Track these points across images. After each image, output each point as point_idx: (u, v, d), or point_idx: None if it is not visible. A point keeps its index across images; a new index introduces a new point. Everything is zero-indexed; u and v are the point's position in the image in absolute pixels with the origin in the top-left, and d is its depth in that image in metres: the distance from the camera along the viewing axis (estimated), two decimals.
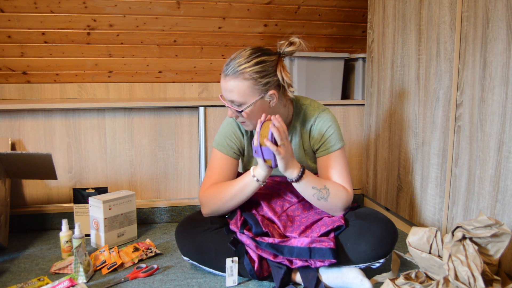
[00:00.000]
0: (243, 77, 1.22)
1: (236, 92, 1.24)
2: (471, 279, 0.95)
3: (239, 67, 1.23)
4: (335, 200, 1.28)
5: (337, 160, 1.35)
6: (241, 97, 1.24)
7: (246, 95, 1.24)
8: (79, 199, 1.67)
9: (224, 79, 1.25)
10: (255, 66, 1.23)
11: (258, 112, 1.28)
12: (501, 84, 1.20)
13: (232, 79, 1.23)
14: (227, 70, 1.24)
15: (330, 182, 1.30)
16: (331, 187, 1.28)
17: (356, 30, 2.39)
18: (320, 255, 1.19)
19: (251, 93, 1.24)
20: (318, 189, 1.26)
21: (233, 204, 1.34)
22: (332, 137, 1.35)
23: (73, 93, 2.17)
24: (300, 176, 1.23)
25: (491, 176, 1.25)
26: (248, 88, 1.23)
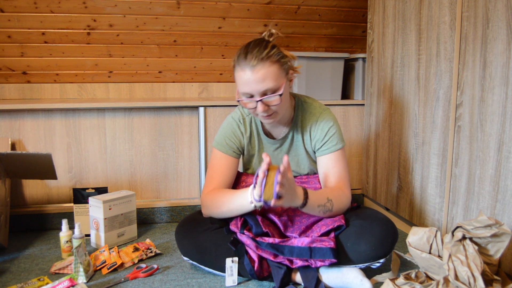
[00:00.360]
0: (270, 61, 1.21)
1: (270, 77, 1.21)
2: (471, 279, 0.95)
3: (262, 54, 1.21)
4: (339, 208, 1.29)
5: (338, 160, 1.35)
6: (276, 81, 1.22)
7: (279, 78, 1.23)
8: (79, 199, 1.67)
9: (252, 71, 1.20)
10: (273, 49, 1.23)
11: (286, 97, 1.27)
12: (501, 84, 1.20)
13: (262, 67, 1.20)
14: (251, 61, 1.20)
15: (330, 191, 1.29)
16: (333, 197, 1.27)
17: (356, 30, 2.39)
18: (321, 254, 1.19)
19: (281, 75, 1.24)
20: (323, 204, 1.25)
21: (229, 216, 1.33)
22: (333, 137, 1.36)
23: (73, 93, 2.17)
24: (304, 204, 1.20)
25: (491, 176, 1.25)
26: (278, 70, 1.23)
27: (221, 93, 2.34)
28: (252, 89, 1.22)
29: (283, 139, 1.41)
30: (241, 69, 1.22)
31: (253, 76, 1.20)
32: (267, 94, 1.23)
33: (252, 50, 1.22)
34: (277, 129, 1.41)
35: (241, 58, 1.23)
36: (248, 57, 1.21)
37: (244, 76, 1.21)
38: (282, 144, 1.42)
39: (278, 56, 1.24)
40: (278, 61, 1.23)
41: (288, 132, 1.40)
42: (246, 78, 1.21)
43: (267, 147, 1.43)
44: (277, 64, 1.23)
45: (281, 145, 1.42)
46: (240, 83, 1.24)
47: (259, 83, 1.20)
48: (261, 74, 1.20)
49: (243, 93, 1.24)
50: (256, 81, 1.20)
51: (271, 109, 1.26)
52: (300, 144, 1.41)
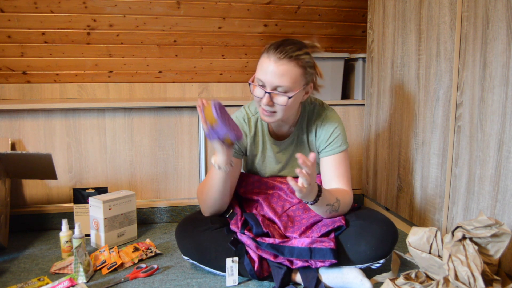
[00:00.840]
0: (297, 63, 1.21)
1: (289, 77, 1.20)
2: (471, 279, 0.95)
3: (294, 53, 1.20)
4: (343, 209, 1.29)
5: (341, 161, 1.35)
6: (292, 83, 1.21)
7: (296, 82, 1.22)
8: (79, 199, 1.67)
9: (277, 63, 1.20)
10: (306, 55, 1.23)
11: (295, 103, 1.26)
12: (501, 84, 1.20)
13: (287, 63, 1.20)
14: (281, 53, 1.20)
15: (338, 191, 1.29)
16: (341, 198, 1.27)
17: (356, 30, 2.39)
18: (321, 255, 1.19)
19: (299, 81, 1.23)
20: (332, 204, 1.24)
21: (215, 197, 1.33)
22: (338, 138, 1.36)
23: (73, 93, 2.17)
24: (316, 201, 1.18)
25: (491, 176, 1.25)
26: (299, 75, 1.22)
27: (221, 93, 2.34)
28: (267, 80, 1.22)
29: (287, 140, 1.41)
30: (267, 56, 1.22)
31: (274, 67, 1.20)
32: (277, 90, 1.23)
33: (286, 45, 1.22)
34: (283, 129, 1.40)
35: (273, 47, 1.22)
36: (279, 49, 1.21)
37: (267, 63, 1.21)
38: (287, 146, 1.41)
39: (306, 63, 1.23)
40: (303, 67, 1.23)
41: (293, 133, 1.40)
42: (267, 66, 1.21)
43: (271, 148, 1.42)
44: (302, 69, 1.23)
45: (286, 146, 1.41)
46: (260, 68, 1.24)
47: (276, 77, 1.20)
48: (282, 69, 1.20)
49: (258, 79, 1.24)
50: (275, 73, 1.20)
51: (274, 107, 1.25)
52: (304, 145, 1.41)
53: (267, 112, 1.27)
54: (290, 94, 1.22)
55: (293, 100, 1.24)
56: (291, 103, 1.24)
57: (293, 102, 1.25)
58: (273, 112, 1.26)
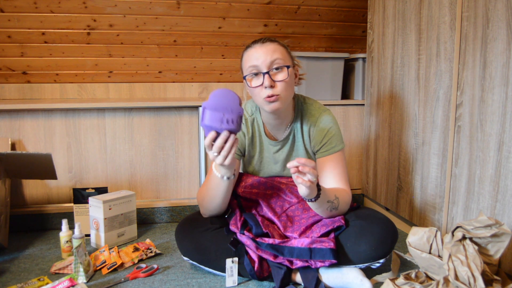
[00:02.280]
0: (278, 43, 1.29)
1: (279, 51, 1.26)
2: (471, 279, 0.95)
3: (272, 38, 1.30)
4: (343, 207, 1.29)
5: (338, 161, 1.35)
6: (283, 56, 1.27)
7: (286, 57, 1.29)
8: (79, 199, 1.67)
9: (262, 45, 1.27)
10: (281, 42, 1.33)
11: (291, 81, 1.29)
12: (501, 84, 1.20)
13: (271, 43, 1.27)
14: (263, 39, 1.29)
15: (336, 190, 1.29)
16: (339, 195, 1.27)
17: (356, 30, 2.39)
18: (321, 255, 1.19)
19: (288, 57, 1.30)
20: (332, 201, 1.24)
21: (218, 203, 1.32)
22: (333, 139, 1.36)
23: (73, 93, 2.17)
24: (318, 196, 1.18)
25: (491, 176, 1.25)
26: (285, 52, 1.30)
27: None
28: (260, 60, 1.25)
29: (284, 140, 1.41)
30: (250, 48, 1.29)
31: (262, 48, 1.26)
32: (273, 68, 1.25)
33: (262, 38, 1.31)
34: (279, 129, 1.40)
35: (251, 43, 1.30)
36: (258, 40, 1.29)
37: (253, 51, 1.27)
38: (283, 146, 1.41)
39: (285, 46, 1.32)
40: (285, 48, 1.31)
41: (289, 133, 1.40)
42: (254, 51, 1.26)
43: (268, 148, 1.42)
44: (285, 48, 1.31)
45: (282, 146, 1.41)
46: (247, 59, 1.28)
47: (268, 54, 1.25)
48: (270, 47, 1.26)
49: (249, 66, 1.26)
50: (265, 52, 1.25)
51: (277, 87, 1.24)
52: (300, 145, 1.41)
53: (271, 98, 1.25)
54: (287, 64, 1.27)
55: (291, 75, 1.28)
56: (290, 78, 1.28)
57: (290, 78, 1.28)
58: (277, 96, 1.25)
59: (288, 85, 1.27)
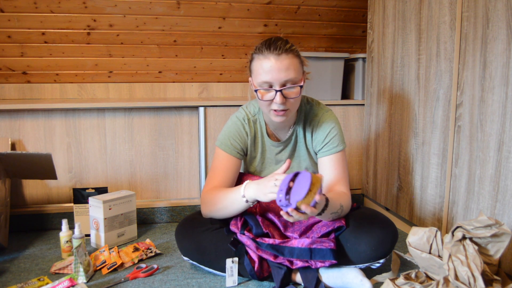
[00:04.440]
0: (293, 54, 1.23)
1: (293, 68, 1.22)
2: (471, 279, 0.95)
3: (287, 45, 1.22)
4: (345, 212, 1.29)
5: (339, 162, 1.35)
6: (297, 73, 1.23)
7: (299, 71, 1.25)
8: (79, 199, 1.67)
9: (277, 59, 1.20)
10: (294, 46, 1.26)
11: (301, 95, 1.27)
12: (501, 84, 1.20)
13: (287, 57, 1.21)
14: (278, 49, 1.20)
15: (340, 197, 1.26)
16: (344, 203, 1.25)
17: (356, 30, 2.39)
18: (321, 255, 1.19)
19: (301, 70, 1.26)
20: (336, 211, 1.23)
21: (226, 214, 1.31)
22: (334, 139, 1.36)
23: (73, 93, 2.17)
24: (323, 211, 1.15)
25: (491, 176, 1.25)
26: (299, 64, 1.25)
27: (221, 93, 2.34)
28: (274, 78, 1.21)
29: (286, 141, 1.41)
30: (264, 57, 1.21)
31: (278, 64, 1.20)
32: (286, 85, 1.22)
33: (275, 42, 1.23)
34: (282, 130, 1.40)
35: (264, 48, 1.22)
36: (272, 47, 1.21)
37: (267, 63, 1.21)
38: (285, 146, 1.41)
39: (298, 53, 1.27)
40: (298, 56, 1.26)
41: (291, 134, 1.40)
42: (269, 65, 1.20)
43: (270, 149, 1.42)
44: (298, 59, 1.26)
45: (284, 147, 1.41)
46: (261, 71, 1.22)
47: (283, 71, 1.20)
48: (286, 63, 1.20)
49: (262, 82, 1.22)
50: (280, 69, 1.20)
51: (288, 103, 1.24)
52: (302, 146, 1.41)
53: (282, 112, 1.25)
54: (300, 83, 1.24)
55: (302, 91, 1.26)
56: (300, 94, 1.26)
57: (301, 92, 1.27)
58: (286, 110, 1.25)
59: (298, 100, 1.27)
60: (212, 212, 1.34)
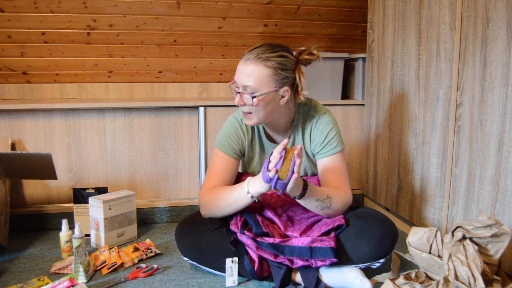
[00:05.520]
0: (265, 64, 1.23)
1: (254, 77, 1.23)
2: (471, 279, 0.95)
3: (263, 54, 1.23)
4: (337, 206, 1.29)
5: (338, 162, 1.35)
6: (258, 83, 1.23)
7: (263, 82, 1.24)
8: (79, 199, 1.67)
9: (244, 63, 1.25)
10: (278, 58, 1.24)
11: (267, 105, 1.27)
12: (501, 84, 1.20)
13: (254, 64, 1.23)
14: (250, 55, 1.24)
15: (330, 189, 1.29)
16: (333, 194, 1.27)
17: (356, 30, 2.39)
18: (321, 254, 1.19)
19: (268, 82, 1.24)
20: (321, 200, 1.24)
21: (228, 212, 1.32)
22: (333, 140, 1.36)
23: (73, 93, 2.17)
24: (303, 194, 1.20)
25: (491, 176, 1.25)
26: (267, 76, 1.24)
27: (221, 93, 2.34)
28: (237, 79, 1.27)
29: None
30: (242, 57, 1.27)
31: (242, 67, 1.25)
32: (246, 90, 1.26)
33: (261, 47, 1.26)
34: (278, 132, 1.41)
35: (250, 49, 1.27)
36: (252, 50, 1.26)
37: (239, 64, 1.27)
38: None
39: (277, 65, 1.24)
40: (274, 68, 1.24)
41: (289, 136, 1.40)
42: (238, 66, 1.27)
43: (268, 150, 1.42)
44: (271, 70, 1.24)
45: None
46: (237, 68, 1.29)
47: (244, 76, 1.25)
48: (249, 69, 1.24)
49: (235, 79, 1.29)
50: (242, 73, 1.25)
51: (246, 107, 1.28)
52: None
53: (245, 114, 1.32)
54: (255, 94, 1.24)
55: (261, 101, 1.25)
56: (260, 104, 1.25)
57: (262, 103, 1.25)
58: (249, 114, 1.30)
59: (257, 109, 1.27)
60: (213, 212, 1.34)
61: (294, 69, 1.28)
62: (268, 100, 1.26)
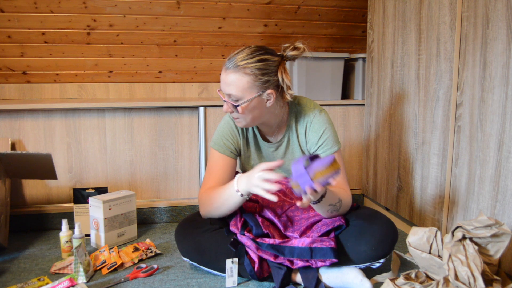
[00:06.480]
0: (244, 71, 1.22)
1: (235, 86, 1.23)
2: (471, 279, 0.95)
3: (241, 62, 1.22)
4: (344, 209, 1.29)
5: None
6: (239, 91, 1.23)
7: (245, 90, 1.23)
8: (79, 199, 1.67)
9: (225, 72, 1.25)
10: (257, 63, 1.23)
11: (253, 110, 1.27)
12: (501, 84, 1.20)
13: (233, 73, 1.23)
14: (229, 63, 1.24)
15: (341, 192, 1.28)
16: (343, 198, 1.27)
17: (356, 30, 2.39)
18: (321, 254, 1.19)
19: (249, 89, 1.23)
20: (334, 204, 1.24)
21: (223, 211, 1.32)
22: (328, 140, 1.34)
23: (73, 93, 2.17)
24: (319, 200, 1.18)
25: (491, 176, 1.25)
26: (247, 83, 1.23)
27: None
28: (221, 88, 1.28)
29: (278, 142, 1.40)
30: (224, 64, 1.27)
31: (224, 77, 1.26)
32: (230, 98, 1.26)
33: (238, 54, 1.25)
34: (271, 132, 1.40)
35: (230, 56, 1.27)
36: (231, 58, 1.25)
37: (221, 72, 1.28)
38: (278, 147, 1.41)
39: (256, 71, 1.22)
40: (253, 75, 1.22)
41: (283, 136, 1.39)
42: (221, 75, 1.28)
43: (264, 149, 1.42)
44: (251, 77, 1.22)
45: (276, 148, 1.41)
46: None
47: (226, 85, 1.25)
48: (230, 78, 1.24)
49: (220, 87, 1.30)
50: (224, 82, 1.26)
51: (234, 113, 1.29)
52: (296, 147, 1.40)
53: (234, 118, 1.32)
54: (239, 102, 1.24)
55: (246, 108, 1.25)
56: (245, 110, 1.26)
57: (247, 109, 1.26)
58: (237, 118, 1.30)
59: (245, 115, 1.27)
60: (210, 211, 1.34)
61: (276, 70, 1.26)
62: (253, 106, 1.26)
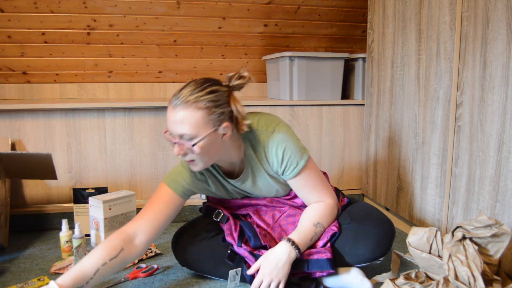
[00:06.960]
0: (196, 106, 1.09)
1: (188, 123, 1.09)
2: (471, 279, 0.95)
3: (191, 96, 1.10)
4: (329, 222, 1.26)
5: (307, 177, 1.26)
6: (193, 128, 1.09)
7: (199, 126, 1.10)
8: (79, 199, 1.67)
9: (173, 111, 1.10)
10: (209, 95, 1.11)
11: (210, 147, 1.13)
12: (501, 84, 1.20)
13: (183, 109, 1.09)
14: (176, 101, 1.10)
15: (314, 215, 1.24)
16: (320, 218, 1.24)
17: (356, 30, 2.39)
18: (318, 266, 1.19)
19: (204, 124, 1.10)
20: (314, 232, 1.22)
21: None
22: (292, 160, 1.23)
23: (73, 93, 2.17)
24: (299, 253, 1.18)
25: (491, 176, 1.25)
26: (201, 118, 1.10)
27: None
28: (170, 128, 1.13)
29: (243, 176, 1.28)
30: (170, 102, 1.13)
31: (172, 115, 1.11)
32: (182, 139, 1.12)
33: (185, 88, 1.13)
34: (232, 167, 1.29)
35: (175, 93, 1.14)
36: (178, 94, 1.12)
37: (168, 112, 1.14)
38: (244, 181, 1.30)
39: (209, 104, 1.10)
40: (207, 108, 1.10)
41: (245, 168, 1.28)
42: (168, 115, 1.13)
43: (228, 186, 1.34)
44: (205, 111, 1.10)
45: (243, 181, 1.30)
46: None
47: (176, 124, 1.11)
48: (179, 116, 1.10)
49: (168, 128, 1.16)
50: (173, 121, 1.11)
51: (188, 155, 1.15)
52: (262, 174, 1.28)
53: (188, 162, 1.18)
54: (194, 141, 1.10)
55: (203, 147, 1.11)
56: (203, 149, 1.12)
57: (204, 148, 1.12)
58: (192, 161, 1.16)
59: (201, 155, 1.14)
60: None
61: (228, 101, 1.14)
62: (210, 143, 1.12)
